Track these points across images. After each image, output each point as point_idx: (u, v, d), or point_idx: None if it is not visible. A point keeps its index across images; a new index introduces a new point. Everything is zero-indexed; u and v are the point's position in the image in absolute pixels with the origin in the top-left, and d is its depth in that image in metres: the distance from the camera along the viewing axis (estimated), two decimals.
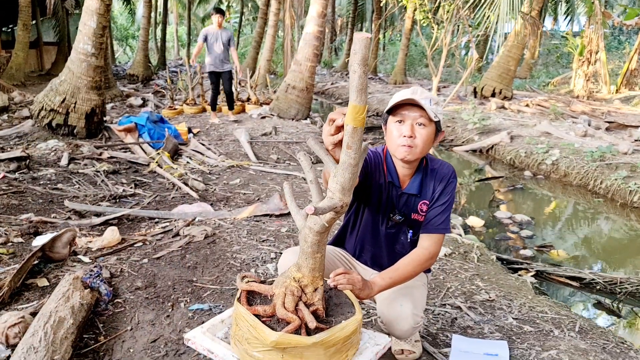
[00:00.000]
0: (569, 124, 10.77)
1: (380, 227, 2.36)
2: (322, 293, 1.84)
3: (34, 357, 2.14)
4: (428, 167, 2.27)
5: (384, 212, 2.32)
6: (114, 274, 3.35)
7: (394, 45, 34.26)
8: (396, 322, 2.18)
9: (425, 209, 2.25)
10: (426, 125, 2.10)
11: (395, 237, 2.36)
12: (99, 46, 7.04)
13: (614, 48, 23.79)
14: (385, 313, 2.22)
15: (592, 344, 2.82)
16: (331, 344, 1.70)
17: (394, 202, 2.29)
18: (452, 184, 2.24)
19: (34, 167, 5.83)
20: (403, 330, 2.20)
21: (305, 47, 10.64)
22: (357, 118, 1.53)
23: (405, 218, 2.29)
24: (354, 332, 1.77)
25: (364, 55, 1.45)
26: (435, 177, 2.25)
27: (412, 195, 2.26)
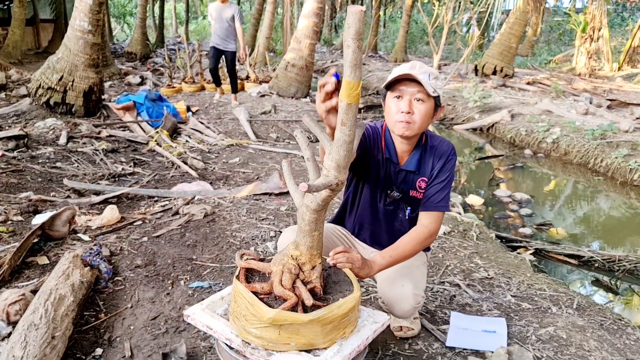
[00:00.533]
0: (570, 102, 10.71)
1: (378, 204, 2.34)
2: (320, 271, 1.84)
3: (35, 333, 2.15)
4: (427, 144, 2.24)
5: (382, 188, 2.30)
6: (114, 252, 3.36)
7: (394, 23, 33.91)
8: (397, 302, 2.18)
9: (424, 186, 2.23)
10: (424, 101, 2.07)
11: (393, 214, 2.35)
12: (95, 23, 6.95)
13: (617, 25, 23.54)
14: (387, 293, 2.22)
15: (590, 320, 2.84)
16: (328, 321, 1.71)
17: (392, 178, 2.27)
18: (452, 161, 2.20)
19: (32, 146, 5.80)
20: (404, 310, 2.20)
21: (304, 24, 10.52)
22: (351, 94, 1.49)
23: (404, 195, 2.27)
24: (352, 310, 1.77)
25: (357, 29, 1.41)
26: (434, 154, 2.22)
27: (411, 172, 2.24)
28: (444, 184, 2.19)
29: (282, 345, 1.72)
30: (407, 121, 2.08)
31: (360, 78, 1.48)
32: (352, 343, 1.79)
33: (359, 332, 1.84)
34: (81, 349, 2.39)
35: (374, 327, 1.89)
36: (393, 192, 2.28)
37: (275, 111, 8.98)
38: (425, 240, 2.17)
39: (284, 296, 1.75)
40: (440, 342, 2.54)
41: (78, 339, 2.45)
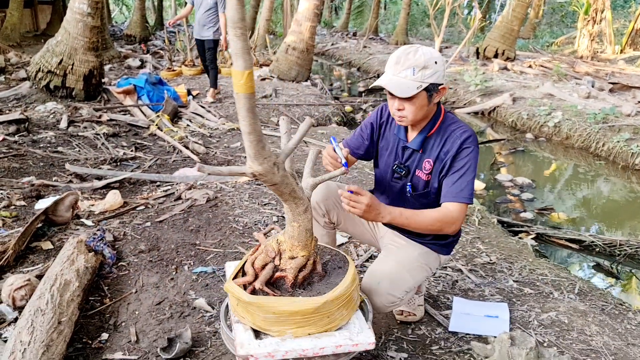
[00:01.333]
0: (572, 85, 10.66)
1: (387, 179, 2.36)
2: (299, 263, 1.83)
3: (42, 319, 2.16)
4: (442, 127, 2.19)
5: (392, 163, 2.32)
6: (117, 237, 3.37)
7: (395, 4, 33.61)
8: (369, 294, 2.15)
9: (429, 168, 2.19)
10: (412, 98, 2.05)
11: (401, 192, 2.32)
12: (94, 5, 6.89)
13: (619, 6, 23.33)
14: (365, 281, 2.20)
15: (591, 305, 2.86)
16: (272, 311, 1.73)
17: (399, 154, 2.29)
18: (468, 150, 2.11)
19: (33, 130, 5.79)
20: (375, 305, 2.15)
21: (305, 6, 10.43)
22: (239, 84, 1.45)
23: (407, 171, 2.27)
24: (313, 312, 1.73)
25: (239, 16, 1.36)
26: (446, 138, 2.16)
27: (415, 151, 2.23)
28: (461, 174, 2.10)
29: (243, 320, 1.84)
30: (400, 117, 2.13)
31: (247, 67, 1.43)
32: (289, 344, 1.74)
33: (319, 339, 1.77)
34: (87, 333, 2.41)
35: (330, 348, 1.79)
36: (399, 167, 2.28)
37: (276, 95, 8.94)
38: (447, 222, 2.09)
39: (247, 274, 1.84)
40: (443, 327, 2.57)
41: (84, 324, 2.47)
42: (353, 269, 1.89)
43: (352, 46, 19.66)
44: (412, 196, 2.28)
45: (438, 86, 2.07)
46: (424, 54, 2.03)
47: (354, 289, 1.85)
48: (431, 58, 2.03)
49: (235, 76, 1.45)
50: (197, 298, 2.72)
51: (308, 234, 1.84)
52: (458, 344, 2.43)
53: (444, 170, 2.15)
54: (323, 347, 1.72)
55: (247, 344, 1.73)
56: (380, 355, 2.33)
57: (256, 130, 1.54)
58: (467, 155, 2.10)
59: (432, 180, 2.21)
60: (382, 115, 2.37)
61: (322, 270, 1.94)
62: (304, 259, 1.86)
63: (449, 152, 2.13)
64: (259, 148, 1.57)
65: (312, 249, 1.89)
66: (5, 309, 2.51)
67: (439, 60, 2.06)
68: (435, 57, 2.04)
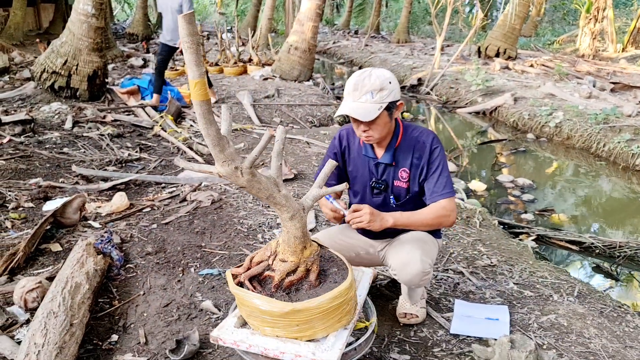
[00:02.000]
0: (573, 84, 10.70)
1: (367, 197, 2.52)
2: (287, 268, 1.90)
3: (54, 321, 2.22)
4: (405, 136, 2.39)
5: (368, 182, 2.48)
6: (124, 239, 3.43)
7: (397, 2, 33.60)
8: (405, 265, 2.31)
9: (406, 176, 2.39)
10: (376, 120, 2.21)
11: (384, 205, 2.48)
12: (99, 6, 6.94)
13: (621, 4, 23.32)
14: (395, 256, 2.37)
15: (590, 308, 2.91)
16: (244, 304, 1.86)
17: (373, 171, 2.45)
18: (437, 150, 2.34)
19: (38, 131, 5.85)
20: (412, 274, 2.31)
21: (307, 6, 10.47)
22: (196, 93, 1.59)
23: (386, 185, 2.44)
24: (284, 316, 1.80)
25: (189, 31, 1.49)
26: (413, 146, 2.36)
27: (388, 165, 2.41)
28: (439, 172, 2.33)
29: None
30: (367, 137, 2.30)
31: (196, 77, 1.57)
32: (256, 339, 1.86)
33: (283, 343, 1.84)
34: (97, 335, 2.47)
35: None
36: (377, 183, 2.45)
37: (278, 95, 8.99)
38: (443, 216, 2.32)
39: (243, 266, 1.99)
40: (444, 329, 2.62)
41: (94, 325, 2.53)
42: (341, 288, 1.86)
43: (354, 44, 19.70)
44: (397, 206, 2.45)
45: (396, 103, 2.26)
46: (378, 77, 2.19)
47: (334, 306, 1.83)
48: (385, 80, 2.19)
49: (190, 85, 1.61)
50: (204, 300, 2.78)
51: (297, 241, 1.90)
52: (459, 346, 2.49)
53: (422, 174, 2.36)
54: (283, 351, 1.80)
55: (224, 327, 1.92)
56: (383, 357, 2.39)
57: (210, 134, 1.65)
58: (438, 154, 2.34)
59: (412, 186, 2.40)
60: (342, 143, 2.52)
61: (317, 281, 1.93)
62: (293, 264, 1.91)
63: (421, 157, 2.35)
64: (216, 151, 1.69)
65: (304, 256, 1.92)
66: (18, 311, 2.57)
67: (392, 80, 2.23)
68: (388, 77, 2.21)
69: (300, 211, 1.89)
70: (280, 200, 1.83)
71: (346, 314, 1.91)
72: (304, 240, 1.91)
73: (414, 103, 11.17)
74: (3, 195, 4.02)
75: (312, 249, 1.96)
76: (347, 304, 1.89)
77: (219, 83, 9.85)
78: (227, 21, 27.64)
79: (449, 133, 8.93)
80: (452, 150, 7.71)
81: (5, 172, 4.51)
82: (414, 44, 19.90)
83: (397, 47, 18.96)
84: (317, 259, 1.96)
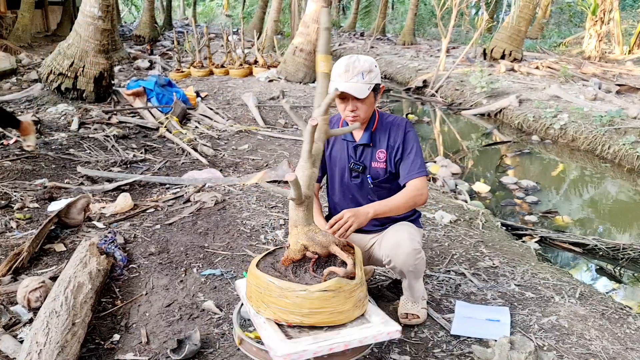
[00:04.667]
0: (579, 87, 10.66)
1: (346, 180, 2.63)
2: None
3: (57, 320, 2.25)
4: (380, 121, 2.56)
5: (346, 164, 2.60)
6: (128, 239, 3.45)
7: (403, 4, 33.60)
8: (396, 246, 2.42)
9: (384, 157, 2.54)
10: (364, 99, 2.37)
11: (362, 187, 2.61)
12: (105, 9, 6.99)
13: (628, 6, 23.24)
14: (385, 246, 2.49)
15: (592, 310, 2.91)
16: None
17: (352, 154, 2.59)
18: (411, 133, 2.53)
19: (45, 132, 5.89)
20: (405, 253, 2.40)
21: (313, 8, 10.48)
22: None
23: (364, 167, 2.57)
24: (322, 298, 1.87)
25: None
26: (389, 129, 2.54)
27: (366, 146, 2.55)
28: (414, 153, 2.50)
29: None
30: (354, 116, 2.44)
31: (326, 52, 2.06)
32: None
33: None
34: (100, 334, 2.49)
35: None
36: (355, 164, 2.58)
37: (283, 96, 9.01)
38: (416, 196, 2.44)
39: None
40: (445, 330, 2.63)
41: (96, 325, 2.56)
42: (326, 284, 1.90)
43: (360, 46, 19.71)
44: (374, 186, 2.59)
45: (379, 85, 2.45)
46: (366, 60, 2.38)
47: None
48: (372, 63, 2.39)
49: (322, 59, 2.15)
50: (206, 300, 2.80)
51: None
52: (460, 347, 2.49)
53: (398, 154, 2.51)
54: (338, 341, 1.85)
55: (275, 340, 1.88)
56: (384, 357, 2.40)
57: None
58: (412, 137, 2.52)
59: (389, 167, 2.54)
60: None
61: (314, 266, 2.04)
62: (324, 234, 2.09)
63: (397, 138, 2.52)
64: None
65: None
66: (21, 310, 2.60)
67: (376, 64, 2.44)
68: (373, 62, 2.41)
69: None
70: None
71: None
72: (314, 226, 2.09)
73: (419, 105, 11.17)
74: (9, 196, 4.06)
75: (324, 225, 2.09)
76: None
77: (225, 85, 9.89)
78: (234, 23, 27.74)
79: (454, 135, 8.92)
80: (457, 152, 7.70)
81: (11, 173, 4.55)
82: (420, 46, 19.89)
83: (402, 49, 18.96)
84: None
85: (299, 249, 2.03)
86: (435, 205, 4.51)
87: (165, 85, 7.76)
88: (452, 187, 5.70)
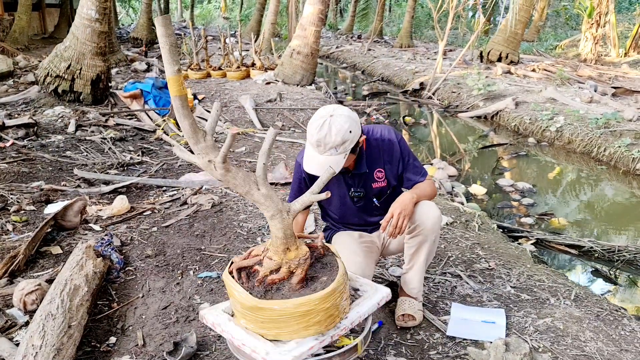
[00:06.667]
0: (575, 89, 10.70)
1: (350, 206, 2.64)
2: (271, 266, 1.91)
3: (52, 323, 2.25)
4: (369, 142, 2.51)
5: (347, 193, 2.59)
6: (125, 242, 3.46)
7: (400, 7, 33.69)
8: (427, 211, 2.46)
9: (382, 176, 2.55)
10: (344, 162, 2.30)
11: (368, 207, 2.64)
12: (102, 11, 7.00)
13: (624, 9, 23.33)
14: (415, 214, 2.47)
15: (587, 311, 2.92)
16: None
17: (350, 182, 2.57)
18: (401, 142, 2.54)
19: (42, 134, 5.90)
20: (435, 216, 2.47)
21: (310, 11, 10.50)
22: (172, 88, 1.73)
23: (366, 191, 2.57)
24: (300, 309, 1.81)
25: (162, 33, 1.66)
26: (379, 147, 2.52)
27: (362, 173, 2.52)
28: (411, 160, 2.56)
29: None
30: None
31: (173, 73, 1.71)
32: None
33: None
34: (96, 337, 2.50)
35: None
36: (355, 192, 2.57)
37: (280, 99, 9.02)
38: (433, 188, 2.59)
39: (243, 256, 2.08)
40: (441, 332, 2.64)
41: (92, 327, 2.56)
42: (311, 297, 1.82)
43: (357, 49, 19.74)
44: (381, 204, 2.61)
45: (358, 142, 2.34)
46: (338, 131, 2.19)
47: (300, 312, 1.80)
48: (345, 131, 2.20)
49: (167, 81, 1.76)
50: (202, 303, 2.81)
51: (278, 241, 1.90)
52: (455, 349, 2.50)
53: (400, 167, 2.55)
54: (244, 343, 1.84)
55: (214, 309, 2.04)
56: (380, 359, 2.40)
57: (185, 126, 1.77)
58: (404, 145, 2.56)
59: (391, 182, 2.57)
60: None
61: (298, 285, 1.89)
62: (275, 264, 1.92)
63: (392, 154, 2.53)
64: (191, 143, 1.80)
65: (287, 258, 1.91)
66: (17, 313, 2.60)
67: (353, 126, 2.24)
68: (346, 127, 2.20)
69: (282, 212, 1.87)
70: (258, 198, 1.86)
71: (315, 323, 1.83)
72: (285, 242, 1.90)
73: (416, 107, 11.19)
74: (5, 198, 4.06)
75: (298, 252, 1.93)
76: (317, 314, 1.81)
77: (222, 87, 9.91)
78: (231, 26, 27.77)
79: (451, 137, 8.94)
80: (454, 154, 7.72)
81: (7, 175, 4.55)
82: (417, 49, 19.92)
83: (399, 51, 18.99)
84: (303, 264, 1.92)
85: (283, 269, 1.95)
86: None
87: (162, 87, 7.77)
88: (449, 189, 5.71)
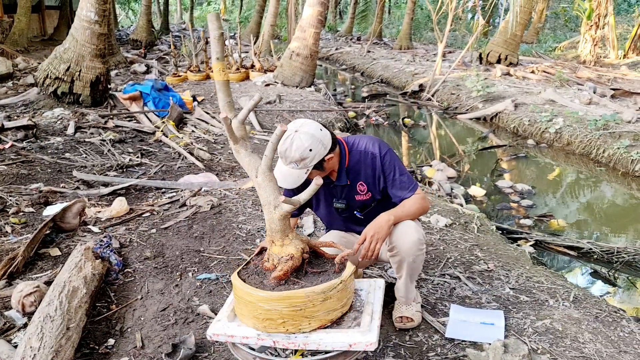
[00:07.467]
0: (574, 91, 10.71)
1: (335, 217, 2.67)
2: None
3: (51, 325, 2.25)
4: (351, 155, 2.48)
5: (330, 204, 2.60)
6: (124, 244, 3.45)
7: (399, 9, 33.72)
8: (403, 234, 2.40)
9: (364, 189, 2.51)
10: (308, 176, 2.28)
11: (352, 218, 2.65)
12: (102, 13, 7.00)
13: (623, 11, 23.36)
14: (393, 235, 2.42)
15: (586, 313, 2.92)
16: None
17: (333, 193, 2.57)
18: (387, 157, 2.45)
19: (41, 136, 5.90)
20: (411, 241, 2.39)
21: (309, 13, 10.52)
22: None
23: (349, 202, 2.56)
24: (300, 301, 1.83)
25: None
26: (362, 161, 2.47)
27: (344, 185, 2.51)
28: (398, 175, 2.46)
29: None
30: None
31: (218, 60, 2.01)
32: None
33: None
34: (94, 339, 2.50)
35: None
36: (338, 203, 2.56)
37: (280, 101, 9.03)
38: (422, 205, 2.47)
39: None
40: (440, 333, 2.63)
41: (91, 329, 2.56)
42: (288, 292, 1.85)
43: (356, 51, 19.76)
44: (364, 216, 2.58)
45: (324, 159, 2.29)
46: (298, 148, 2.18)
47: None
48: (304, 149, 2.18)
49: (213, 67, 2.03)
50: (201, 304, 2.80)
51: (267, 231, 2.03)
52: (454, 350, 2.50)
53: (381, 182, 2.48)
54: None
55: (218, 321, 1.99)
56: None
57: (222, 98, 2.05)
58: (389, 160, 2.45)
59: (374, 195, 2.53)
60: None
61: (275, 279, 1.91)
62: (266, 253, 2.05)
63: (375, 168, 2.47)
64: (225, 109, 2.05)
65: (271, 250, 2.02)
66: (15, 315, 2.60)
67: (314, 145, 2.21)
68: (306, 146, 2.19)
69: (269, 205, 1.94)
70: (255, 184, 1.97)
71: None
72: (271, 235, 2.00)
73: (415, 109, 11.20)
74: (4, 200, 4.06)
75: (282, 249, 1.98)
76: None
77: None
78: (231, 27, 27.79)
79: (450, 139, 8.95)
80: (453, 155, 7.72)
81: (6, 177, 4.55)
82: (416, 50, 19.94)
83: (399, 53, 19.00)
84: (284, 263, 1.95)
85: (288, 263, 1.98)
86: (430, 209, 4.51)
87: (161, 89, 7.78)
88: (448, 190, 5.71)
